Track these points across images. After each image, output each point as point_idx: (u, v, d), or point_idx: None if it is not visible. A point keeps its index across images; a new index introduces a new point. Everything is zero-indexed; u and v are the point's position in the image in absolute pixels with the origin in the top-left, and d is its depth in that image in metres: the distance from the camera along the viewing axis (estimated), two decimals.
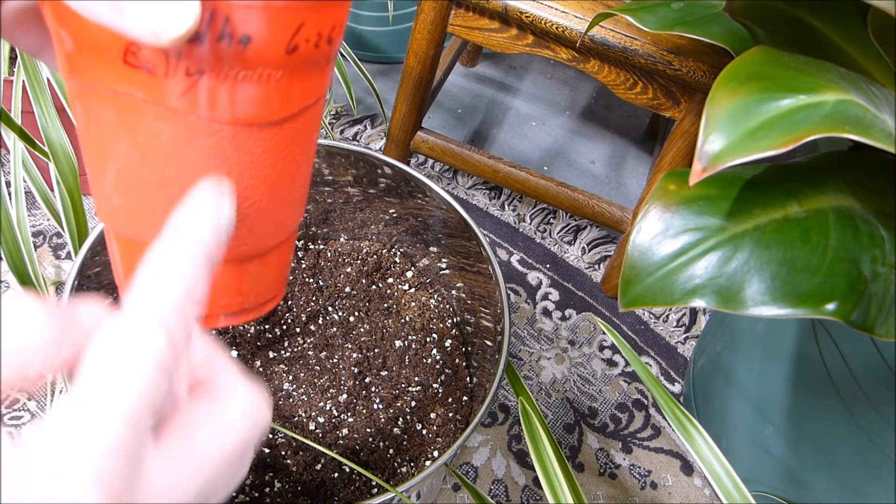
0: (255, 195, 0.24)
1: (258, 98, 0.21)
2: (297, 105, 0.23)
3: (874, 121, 0.35)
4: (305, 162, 0.26)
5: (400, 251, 0.80)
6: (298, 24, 0.20)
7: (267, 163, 0.23)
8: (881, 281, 0.40)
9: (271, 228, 0.26)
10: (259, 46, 0.19)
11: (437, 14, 0.80)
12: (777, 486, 0.73)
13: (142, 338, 0.17)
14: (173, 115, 0.20)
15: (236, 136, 0.21)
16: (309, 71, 0.22)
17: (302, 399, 0.70)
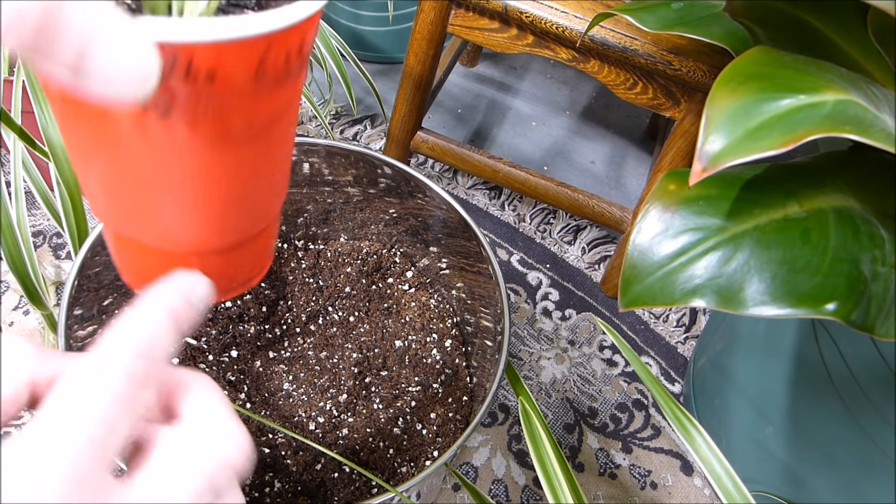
0: (234, 195, 0.24)
1: (230, 118, 0.21)
2: (270, 115, 0.23)
3: (874, 121, 0.35)
4: (283, 156, 0.26)
5: (400, 251, 0.80)
6: (263, 51, 0.20)
7: (244, 167, 0.24)
8: (881, 281, 0.40)
9: (254, 219, 0.26)
10: (225, 78, 0.20)
11: (437, 14, 0.80)
12: (777, 486, 0.73)
13: (102, 375, 0.20)
14: (149, 137, 0.21)
15: (211, 151, 0.22)
16: (280, 84, 0.22)
17: (302, 399, 0.70)
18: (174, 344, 0.22)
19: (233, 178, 0.24)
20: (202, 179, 0.23)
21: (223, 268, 0.27)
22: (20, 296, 0.87)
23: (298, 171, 0.71)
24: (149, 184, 0.22)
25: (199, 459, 0.21)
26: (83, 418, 0.19)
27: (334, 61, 0.92)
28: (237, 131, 0.22)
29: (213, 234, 0.25)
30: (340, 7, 1.19)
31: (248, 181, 0.24)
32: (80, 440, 0.19)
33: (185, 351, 0.67)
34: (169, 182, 0.22)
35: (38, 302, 0.67)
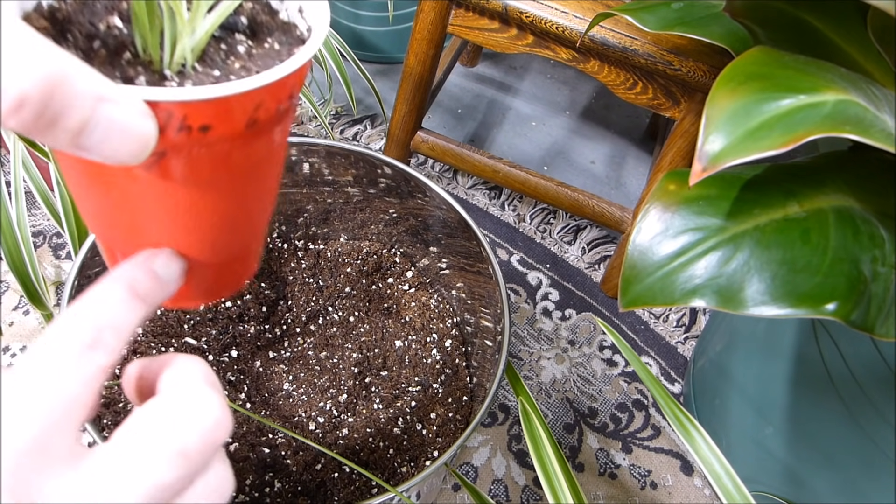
0: (225, 223, 0.25)
1: (222, 160, 0.22)
2: (261, 154, 0.24)
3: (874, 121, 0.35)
4: (273, 183, 0.27)
5: (400, 251, 0.80)
6: (255, 104, 0.21)
7: (235, 198, 0.25)
8: (881, 281, 0.40)
9: (243, 239, 0.27)
10: (218, 132, 0.20)
11: (437, 14, 0.80)
12: (777, 486, 0.73)
13: (51, 345, 0.20)
14: (143, 179, 0.21)
15: (203, 188, 0.23)
16: (271, 127, 0.23)
17: (302, 399, 0.70)
18: (139, 314, 0.22)
19: (223, 209, 0.24)
20: (193, 212, 0.23)
21: (212, 277, 0.28)
22: (20, 296, 0.87)
23: (298, 171, 0.71)
24: (142, 216, 0.23)
25: (171, 428, 0.20)
26: (32, 387, 0.19)
27: (334, 61, 0.92)
28: (229, 170, 0.23)
29: (203, 254, 0.26)
30: (340, 7, 1.19)
31: (238, 210, 0.25)
32: (30, 411, 0.19)
33: (185, 351, 0.67)
34: (162, 215, 0.23)
35: (38, 302, 0.67)
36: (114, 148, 0.18)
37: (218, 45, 0.24)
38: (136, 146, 0.19)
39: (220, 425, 0.21)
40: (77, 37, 0.22)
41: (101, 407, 0.62)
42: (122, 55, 0.23)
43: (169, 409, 0.21)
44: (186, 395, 0.22)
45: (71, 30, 0.22)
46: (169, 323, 0.68)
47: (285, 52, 0.24)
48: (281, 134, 0.24)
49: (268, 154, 0.24)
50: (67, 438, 0.19)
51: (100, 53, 0.22)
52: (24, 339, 0.84)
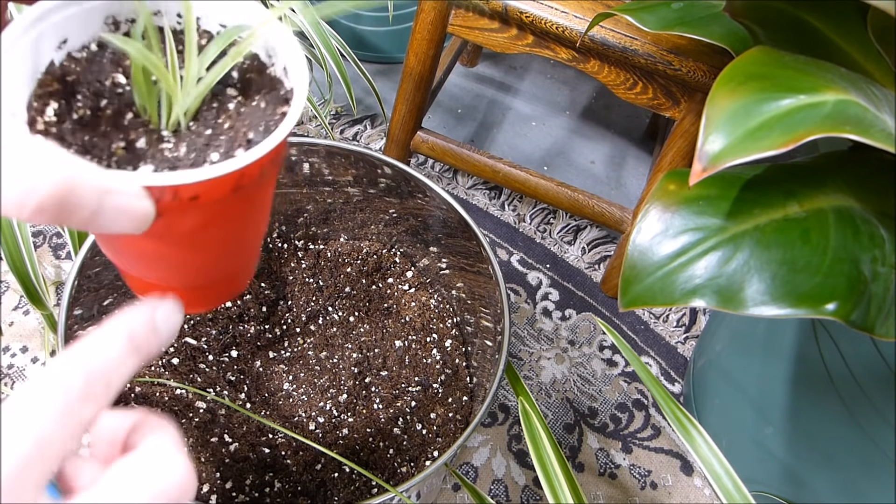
0: (219, 257, 0.28)
1: (213, 218, 0.25)
2: (249, 207, 0.27)
3: (874, 121, 0.35)
4: (263, 218, 0.30)
5: (400, 251, 0.80)
6: (238, 177, 0.23)
7: (227, 239, 0.28)
8: (881, 281, 0.40)
9: (237, 266, 0.31)
10: (206, 199, 0.23)
11: (437, 14, 0.80)
12: (777, 486, 0.73)
13: (41, 392, 0.21)
14: (146, 235, 0.24)
15: (198, 238, 0.26)
16: (257, 187, 0.26)
17: (302, 399, 0.70)
18: (133, 366, 0.24)
19: (217, 248, 0.28)
20: (191, 254, 0.27)
21: (208, 293, 0.31)
22: (20, 296, 0.87)
23: (298, 171, 0.71)
24: (149, 259, 0.27)
25: (140, 484, 0.22)
26: (15, 434, 0.20)
27: (334, 61, 0.92)
28: (220, 222, 0.26)
29: (203, 279, 0.29)
30: None
31: (231, 245, 0.28)
32: (13, 454, 0.20)
33: (185, 351, 0.67)
34: (166, 258, 0.26)
35: (38, 302, 0.67)
36: (119, 225, 0.22)
37: (211, 101, 0.27)
38: (137, 222, 0.22)
39: (185, 489, 0.23)
40: (86, 95, 0.26)
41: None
42: (125, 115, 0.26)
43: (145, 468, 0.23)
44: (161, 457, 0.23)
45: (81, 90, 0.26)
46: None
47: (270, 110, 0.27)
48: (267, 188, 0.27)
49: (255, 205, 0.27)
50: (32, 488, 0.20)
51: (106, 113, 0.26)
52: (24, 339, 0.84)
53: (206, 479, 0.60)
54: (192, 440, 0.61)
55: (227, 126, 0.26)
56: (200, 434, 0.62)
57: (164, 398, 0.63)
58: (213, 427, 0.63)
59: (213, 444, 0.62)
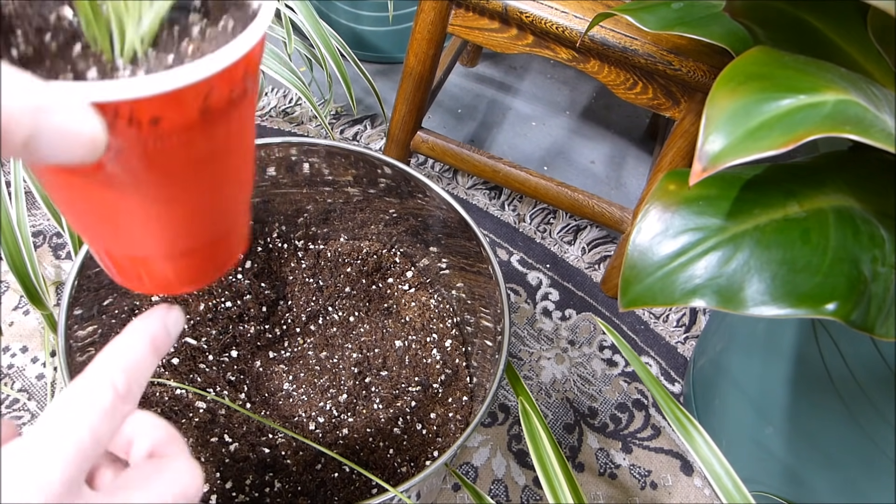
0: (196, 210, 0.25)
1: (181, 149, 0.22)
2: (222, 138, 0.24)
3: (874, 121, 0.35)
4: (244, 163, 0.27)
5: (400, 251, 0.80)
6: (205, 93, 0.21)
7: (202, 185, 0.25)
8: (881, 281, 0.40)
9: (220, 223, 0.28)
10: (170, 122, 0.20)
11: (437, 14, 0.80)
12: (777, 486, 0.73)
13: (92, 390, 0.23)
14: (104, 177, 0.21)
15: (167, 178, 0.23)
16: (229, 110, 0.23)
17: (302, 399, 0.70)
18: (153, 366, 0.26)
19: (194, 198, 0.24)
20: (164, 205, 0.24)
21: (195, 263, 0.28)
22: (20, 296, 0.87)
23: (298, 171, 0.71)
24: (117, 215, 0.24)
25: (165, 484, 0.25)
26: (72, 428, 0.22)
27: (334, 61, 0.92)
28: (190, 160, 0.23)
29: (186, 241, 0.26)
30: (340, 7, 1.19)
31: (210, 197, 0.25)
32: (69, 448, 0.21)
33: (185, 351, 0.67)
34: (135, 211, 0.23)
35: (38, 302, 0.67)
36: (64, 152, 0.18)
37: (171, 27, 0.23)
38: (86, 147, 0.19)
39: (198, 489, 0.26)
40: (26, 31, 0.22)
41: None
42: (73, 48, 0.22)
43: (167, 470, 0.26)
44: (179, 460, 0.26)
45: (19, 24, 0.22)
46: None
47: (239, 30, 0.24)
48: (240, 120, 0.24)
49: (229, 140, 0.24)
50: (82, 477, 0.22)
51: (50, 48, 0.22)
52: (24, 339, 0.84)
53: (206, 479, 0.60)
54: (192, 440, 0.61)
55: (192, 49, 0.23)
56: (200, 434, 0.62)
57: (164, 398, 0.63)
58: (213, 427, 0.63)
59: (213, 444, 0.62)
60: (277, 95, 1.16)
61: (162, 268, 0.27)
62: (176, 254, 0.27)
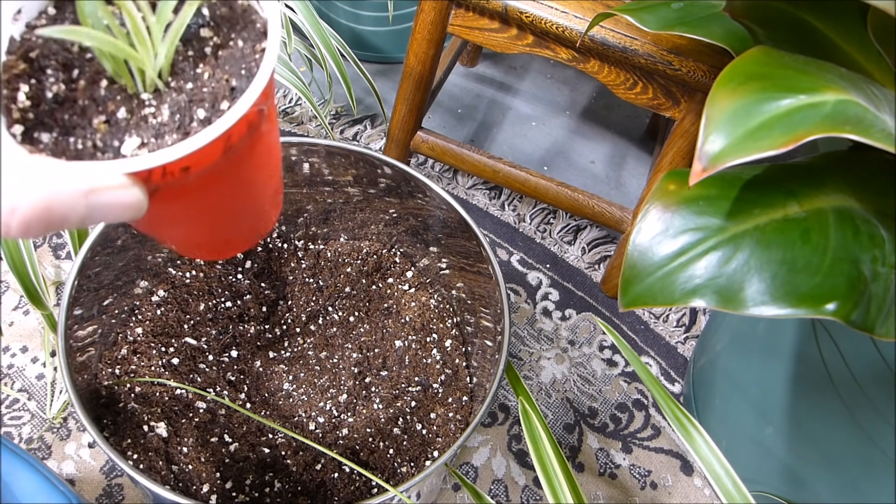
0: (236, 210, 0.28)
1: (212, 180, 0.25)
2: (246, 163, 0.26)
3: (874, 121, 0.35)
4: (269, 164, 0.29)
5: (400, 251, 0.80)
6: (225, 140, 0.23)
7: (237, 190, 0.27)
8: (881, 281, 0.40)
9: (263, 208, 0.30)
10: (198, 167, 0.23)
11: (437, 14, 0.80)
12: (777, 486, 0.73)
13: None
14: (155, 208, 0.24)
15: (203, 202, 0.26)
16: (251, 142, 0.25)
17: (302, 399, 0.70)
18: None
19: (228, 204, 0.27)
20: (203, 216, 0.27)
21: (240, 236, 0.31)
22: (20, 296, 0.87)
23: (298, 171, 0.71)
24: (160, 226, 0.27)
25: None
26: None
27: (334, 61, 0.92)
28: (221, 181, 0.25)
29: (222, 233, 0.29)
30: (340, 7, 1.19)
31: (242, 199, 0.28)
32: None
33: (185, 351, 0.67)
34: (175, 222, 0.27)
35: (38, 302, 0.67)
36: (114, 218, 0.22)
37: (186, 50, 0.25)
38: (131, 210, 0.22)
39: None
40: (56, 69, 0.24)
41: (101, 407, 0.62)
42: (100, 83, 0.24)
43: None
44: None
45: (49, 64, 0.24)
46: (169, 323, 0.68)
47: (249, 49, 0.25)
48: (261, 138, 0.26)
49: (255, 156, 0.26)
50: None
51: (80, 85, 0.24)
52: (24, 339, 0.84)
53: (206, 479, 0.60)
54: (192, 440, 0.61)
55: (208, 76, 0.25)
56: (200, 434, 0.62)
57: (164, 398, 0.63)
58: (213, 427, 0.63)
59: (213, 444, 0.62)
60: (277, 95, 1.16)
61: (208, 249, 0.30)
62: (220, 239, 0.30)
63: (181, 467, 0.60)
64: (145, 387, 0.63)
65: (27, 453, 0.53)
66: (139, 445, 0.60)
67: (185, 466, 0.60)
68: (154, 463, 0.59)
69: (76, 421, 0.78)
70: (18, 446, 0.54)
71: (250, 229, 0.31)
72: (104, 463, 0.76)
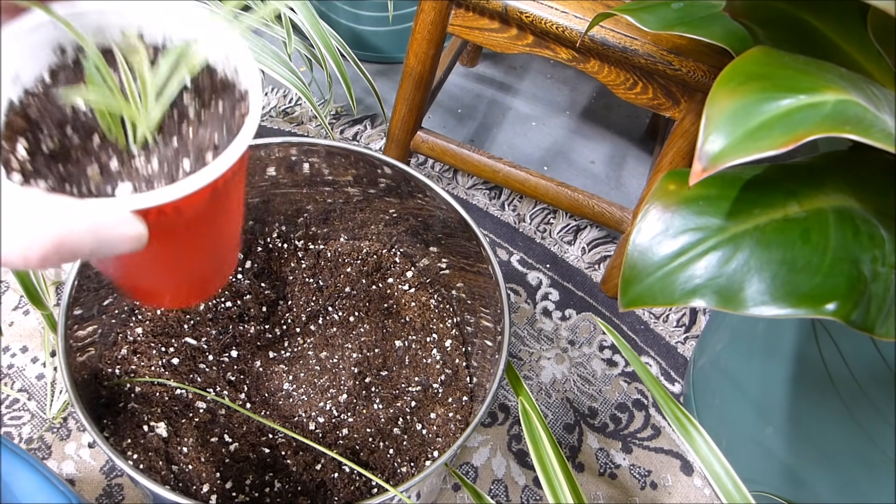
0: (208, 251, 0.31)
1: (195, 222, 0.27)
2: (228, 203, 0.28)
3: (874, 121, 0.35)
4: (239, 206, 0.32)
5: (400, 251, 0.80)
6: (213, 185, 0.25)
7: (213, 231, 0.29)
8: (881, 281, 0.40)
9: (226, 255, 0.33)
10: (189, 208, 0.25)
11: (437, 14, 0.80)
12: (777, 486, 0.73)
13: None
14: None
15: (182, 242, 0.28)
16: (233, 184, 0.28)
17: (302, 399, 0.70)
18: None
19: (203, 245, 0.30)
20: (180, 256, 0.28)
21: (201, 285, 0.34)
22: (20, 296, 0.87)
23: (298, 172, 0.71)
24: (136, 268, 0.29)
25: None
26: None
27: (334, 61, 0.92)
28: (202, 223, 0.28)
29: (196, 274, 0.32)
30: (340, 7, 1.19)
31: (215, 241, 0.31)
32: None
33: (185, 351, 0.67)
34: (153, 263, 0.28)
35: (38, 302, 0.67)
36: (119, 250, 0.23)
37: (171, 109, 0.28)
38: (134, 243, 0.24)
39: None
40: (50, 126, 0.26)
41: (101, 407, 0.62)
42: (93, 139, 0.27)
43: None
44: None
45: (45, 123, 0.26)
46: (169, 323, 0.68)
47: (228, 112, 0.28)
48: (239, 184, 0.29)
49: (231, 200, 0.29)
50: None
51: (74, 141, 0.26)
52: (24, 339, 0.84)
53: (206, 479, 0.60)
54: (192, 440, 0.61)
55: (192, 134, 0.27)
56: (200, 434, 0.62)
57: (164, 398, 0.63)
58: (213, 427, 0.63)
59: (213, 444, 0.62)
60: (277, 95, 1.16)
61: (172, 294, 0.32)
62: (186, 283, 0.32)
63: (181, 467, 0.60)
64: (145, 387, 0.63)
65: (27, 453, 0.53)
66: (139, 445, 0.60)
67: (185, 466, 0.60)
68: (154, 463, 0.59)
69: (76, 421, 0.78)
70: (18, 446, 0.54)
71: (218, 272, 0.34)
72: (104, 463, 0.76)
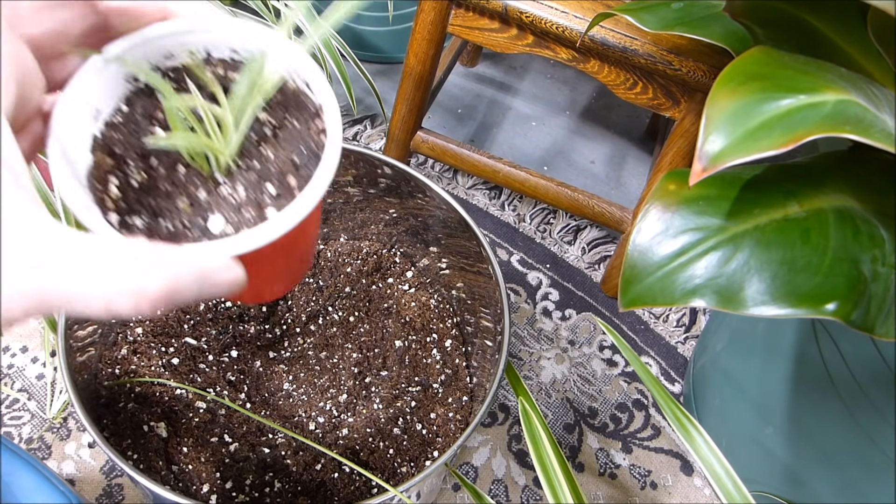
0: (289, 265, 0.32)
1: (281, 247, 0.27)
2: (308, 223, 0.28)
3: (874, 121, 0.35)
4: (318, 220, 0.34)
5: (400, 251, 0.80)
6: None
7: (294, 250, 0.30)
8: (881, 281, 0.40)
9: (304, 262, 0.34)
10: (279, 239, 0.25)
11: (437, 14, 0.80)
12: (777, 486, 0.73)
13: None
14: None
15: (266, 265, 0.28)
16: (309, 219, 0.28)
17: (302, 399, 0.70)
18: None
19: (284, 263, 0.30)
20: (264, 274, 0.29)
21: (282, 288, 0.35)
22: None
23: None
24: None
25: None
26: None
27: (334, 61, 0.92)
28: (286, 244, 0.27)
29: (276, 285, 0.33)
30: None
31: (296, 257, 0.32)
32: None
33: (185, 351, 0.67)
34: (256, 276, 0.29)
35: None
36: (219, 294, 0.24)
37: (249, 133, 0.28)
38: (234, 287, 0.24)
39: None
40: (136, 159, 0.27)
41: (101, 407, 0.62)
42: (178, 168, 0.27)
43: None
44: None
45: (129, 156, 0.27)
46: (169, 323, 0.68)
47: (305, 129, 0.28)
48: (318, 208, 0.29)
49: (312, 221, 0.29)
50: None
51: (160, 172, 0.27)
52: (24, 339, 0.84)
53: (206, 479, 0.60)
54: (192, 440, 0.61)
55: (273, 155, 0.27)
56: (200, 434, 0.62)
57: (164, 398, 0.63)
58: (213, 427, 0.63)
59: (213, 444, 0.62)
60: None
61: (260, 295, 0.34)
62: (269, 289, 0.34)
63: (181, 467, 0.60)
64: (145, 387, 0.63)
65: (27, 453, 0.53)
66: (139, 445, 0.60)
67: (184, 466, 0.60)
68: (154, 463, 0.59)
69: (76, 421, 0.78)
70: (18, 446, 0.54)
71: (298, 276, 0.35)
72: (104, 463, 0.76)
